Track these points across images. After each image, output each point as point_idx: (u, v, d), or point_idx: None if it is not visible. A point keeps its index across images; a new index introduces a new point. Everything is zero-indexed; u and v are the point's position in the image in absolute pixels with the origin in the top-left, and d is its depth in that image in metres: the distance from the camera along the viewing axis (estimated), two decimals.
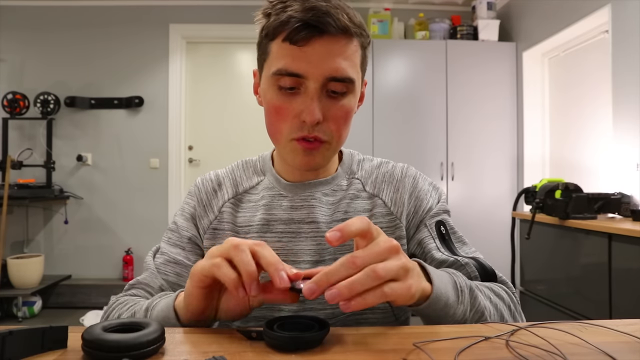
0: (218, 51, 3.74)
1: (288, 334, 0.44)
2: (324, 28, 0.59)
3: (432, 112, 3.27)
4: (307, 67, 0.60)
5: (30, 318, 3.05)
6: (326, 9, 0.59)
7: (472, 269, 0.66)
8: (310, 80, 0.61)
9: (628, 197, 2.00)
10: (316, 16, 0.59)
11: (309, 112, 0.61)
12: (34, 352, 0.42)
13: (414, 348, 0.42)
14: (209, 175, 0.78)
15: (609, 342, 0.45)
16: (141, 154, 3.60)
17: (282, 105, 0.63)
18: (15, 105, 3.33)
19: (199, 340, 0.46)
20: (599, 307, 1.73)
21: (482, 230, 3.16)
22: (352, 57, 0.63)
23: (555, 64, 3.10)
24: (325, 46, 0.60)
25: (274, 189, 0.73)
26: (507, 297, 0.63)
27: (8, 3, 3.53)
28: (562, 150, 3.02)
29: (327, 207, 0.71)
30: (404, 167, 0.78)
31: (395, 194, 0.74)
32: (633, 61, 2.13)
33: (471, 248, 0.72)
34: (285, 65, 0.61)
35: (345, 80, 0.62)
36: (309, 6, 0.59)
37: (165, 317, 0.54)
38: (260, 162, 0.79)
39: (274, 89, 0.64)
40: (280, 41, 0.61)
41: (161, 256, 0.72)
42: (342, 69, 0.61)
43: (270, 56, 0.63)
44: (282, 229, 0.70)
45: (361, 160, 0.79)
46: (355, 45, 0.63)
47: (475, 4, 3.40)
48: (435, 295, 0.52)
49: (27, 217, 3.52)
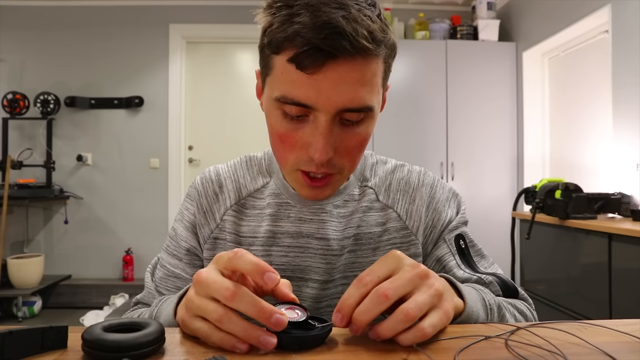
0: (218, 51, 3.74)
1: (293, 334, 0.43)
2: (338, 53, 0.49)
3: (432, 112, 3.27)
4: (316, 98, 0.51)
5: (30, 318, 3.05)
6: (342, 26, 0.47)
7: (495, 287, 0.64)
8: (320, 112, 0.52)
9: (628, 197, 2.00)
10: (329, 37, 0.48)
11: (317, 149, 0.52)
12: (33, 352, 0.41)
13: (414, 348, 0.42)
14: (209, 174, 0.71)
15: (609, 342, 0.45)
16: (141, 154, 3.60)
17: (287, 134, 0.55)
18: (15, 105, 3.33)
19: (199, 341, 0.45)
20: (599, 307, 1.73)
21: (482, 230, 3.16)
22: (371, 80, 0.52)
23: (555, 64, 3.10)
24: (338, 72, 0.50)
25: (281, 196, 0.67)
26: (529, 314, 0.63)
27: (8, 3, 3.53)
28: (562, 150, 3.02)
29: (338, 220, 0.66)
30: (421, 173, 0.72)
31: (411, 206, 0.68)
32: (633, 61, 2.13)
33: (489, 261, 0.70)
34: (290, 93, 0.52)
35: (363, 109, 0.53)
36: (320, 22, 0.48)
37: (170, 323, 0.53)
38: (265, 160, 0.71)
39: (279, 114, 0.55)
40: (286, 61, 0.51)
41: (161, 269, 0.69)
42: (359, 98, 0.52)
43: (274, 73, 0.53)
44: (290, 242, 0.65)
45: (375, 164, 0.72)
46: (376, 64, 0.53)
47: (475, 4, 3.40)
48: (467, 314, 0.50)
49: (27, 217, 3.52)
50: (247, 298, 0.42)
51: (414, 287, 0.43)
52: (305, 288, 0.65)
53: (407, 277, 0.43)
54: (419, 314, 0.42)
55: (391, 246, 0.67)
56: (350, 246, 0.66)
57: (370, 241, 0.67)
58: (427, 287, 0.44)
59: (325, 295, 0.66)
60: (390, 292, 0.42)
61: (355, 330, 0.43)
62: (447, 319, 0.44)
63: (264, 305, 0.42)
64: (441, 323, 0.43)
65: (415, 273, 0.44)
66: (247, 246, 0.66)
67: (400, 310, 0.42)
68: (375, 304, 0.42)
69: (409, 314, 0.41)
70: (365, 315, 0.42)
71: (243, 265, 0.44)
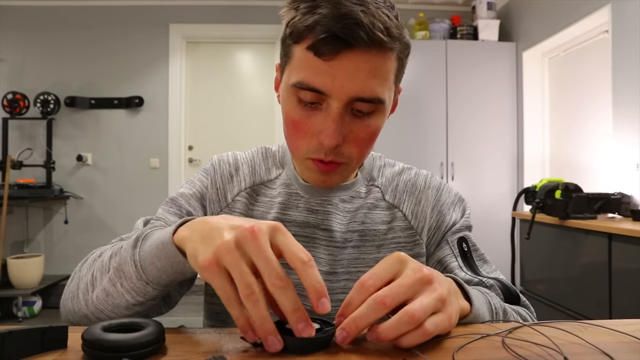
0: (218, 51, 3.74)
1: (301, 338, 0.41)
2: (354, 42, 0.51)
3: (432, 112, 3.27)
4: (331, 85, 0.53)
5: (30, 318, 3.05)
6: (360, 18, 0.51)
7: (497, 291, 0.64)
8: (333, 99, 0.54)
9: (628, 197, 2.00)
10: (347, 27, 0.51)
11: (327, 135, 0.55)
12: (33, 352, 0.41)
13: (412, 350, 0.42)
14: (226, 157, 0.73)
15: (609, 342, 0.45)
16: (141, 154, 3.60)
17: (300, 120, 0.58)
18: (15, 105, 3.33)
19: (199, 340, 0.46)
20: (599, 307, 1.73)
21: (482, 230, 3.16)
22: (384, 73, 0.55)
23: (555, 64, 3.10)
24: (353, 62, 0.53)
25: (291, 186, 0.69)
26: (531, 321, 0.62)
27: (8, 3, 3.53)
28: (562, 150, 3.02)
29: (344, 214, 0.67)
30: (428, 177, 0.73)
31: (416, 207, 0.70)
32: (633, 61, 2.13)
33: (492, 266, 0.70)
34: (306, 78, 0.54)
35: (374, 100, 0.55)
36: (339, 13, 0.51)
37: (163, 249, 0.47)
38: (280, 152, 0.74)
39: (293, 101, 0.58)
40: (305, 48, 0.54)
41: (157, 222, 0.65)
42: (371, 89, 0.54)
43: (293, 61, 0.57)
44: (296, 231, 0.66)
45: (382, 166, 0.74)
46: (390, 59, 0.55)
47: (475, 4, 3.40)
48: (473, 316, 0.50)
49: (27, 217, 3.52)
50: (291, 293, 0.40)
51: (414, 293, 0.42)
52: None
53: (407, 283, 0.42)
54: (424, 317, 0.41)
55: (396, 245, 0.68)
56: (354, 241, 0.67)
57: (375, 238, 0.68)
58: (429, 292, 0.43)
59: (329, 289, 0.66)
60: (388, 300, 0.41)
61: (345, 337, 0.41)
62: (449, 322, 0.43)
63: (301, 307, 0.40)
64: (443, 325, 0.42)
65: (417, 278, 0.43)
66: None
67: (404, 311, 0.41)
68: (372, 311, 0.41)
69: (414, 316, 0.40)
70: (361, 321, 0.41)
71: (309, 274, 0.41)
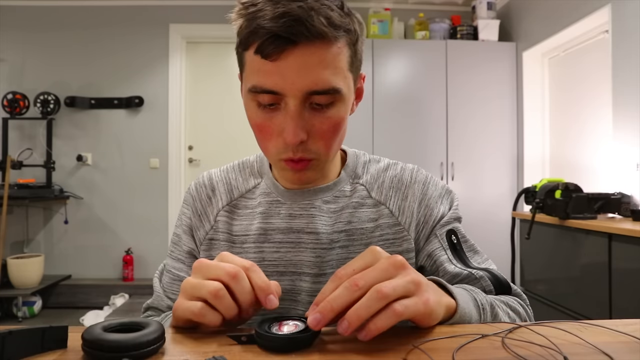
0: (218, 51, 3.74)
1: (281, 335, 0.43)
2: (296, 38, 0.52)
3: (432, 112, 3.27)
4: (282, 83, 0.54)
5: (30, 318, 3.06)
6: (298, 14, 0.51)
7: (486, 282, 0.64)
8: (288, 97, 0.55)
9: (628, 197, 2.00)
10: (286, 25, 0.51)
11: (288, 132, 0.56)
12: (33, 352, 0.42)
13: (413, 348, 0.42)
14: (202, 179, 0.75)
15: (609, 342, 0.45)
16: (141, 154, 3.60)
17: (263, 123, 0.59)
18: (15, 105, 3.33)
19: (199, 340, 0.46)
20: (599, 307, 1.73)
21: (482, 230, 3.16)
22: (334, 63, 0.55)
23: (555, 64, 3.10)
24: (300, 57, 0.53)
25: (271, 194, 0.69)
26: (523, 311, 0.62)
27: (8, 3, 3.53)
28: (562, 150, 3.02)
29: (328, 215, 0.67)
30: (414, 171, 0.72)
31: (403, 202, 0.69)
32: (633, 61, 2.13)
33: (483, 256, 0.70)
34: (259, 81, 0.55)
35: (329, 91, 0.56)
36: (279, 12, 0.52)
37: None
38: (257, 162, 0.74)
39: (254, 105, 0.59)
40: (252, 53, 0.55)
41: (167, 274, 0.72)
42: (323, 80, 0.55)
43: (246, 68, 0.58)
44: (281, 238, 0.66)
45: (367, 162, 0.73)
46: (338, 47, 0.56)
47: (475, 4, 3.40)
48: (459, 315, 0.50)
49: (27, 217, 3.52)
50: (245, 281, 0.46)
51: (388, 276, 0.44)
52: (299, 282, 0.66)
53: (380, 267, 0.44)
54: (393, 294, 0.42)
55: (383, 242, 0.67)
56: (342, 241, 0.67)
57: (362, 237, 0.67)
58: (402, 275, 0.44)
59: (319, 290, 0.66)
60: (361, 282, 0.43)
61: (319, 319, 0.43)
62: (424, 307, 0.44)
63: (261, 284, 0.47)
64: (416, 308, 0.43)
65: (390, 263, 0.45)
66: (240, 244, 0.68)
67: (374, 288, 0.42)
68: (346, 291, 0.43)
69: (381, 291, 0.41)
70: (335, 301, 0.43)
71: (253, 278, 0.47)
